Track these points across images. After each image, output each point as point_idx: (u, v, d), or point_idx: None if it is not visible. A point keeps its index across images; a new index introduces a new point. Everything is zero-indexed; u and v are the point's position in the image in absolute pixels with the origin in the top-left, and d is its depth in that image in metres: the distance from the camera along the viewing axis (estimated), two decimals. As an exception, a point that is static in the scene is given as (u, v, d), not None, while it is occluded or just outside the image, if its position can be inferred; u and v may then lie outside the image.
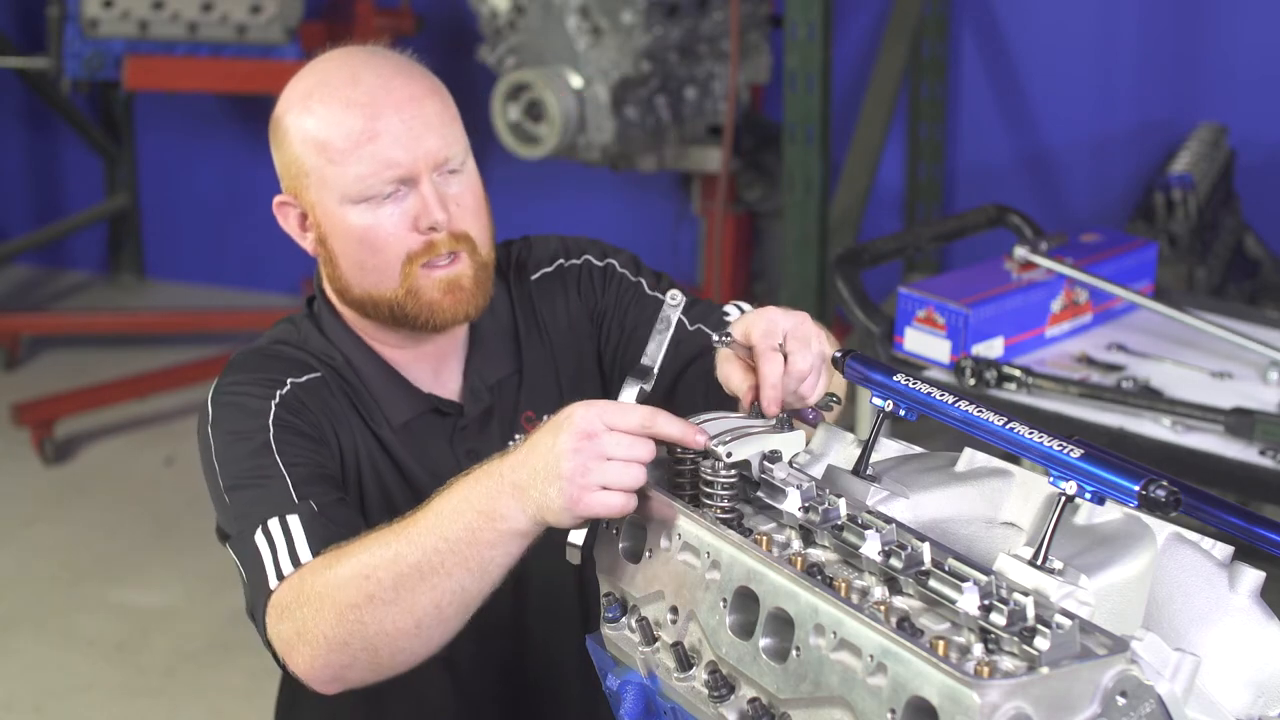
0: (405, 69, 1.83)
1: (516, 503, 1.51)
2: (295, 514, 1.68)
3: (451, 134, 1.82)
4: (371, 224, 1.79)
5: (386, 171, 1.77)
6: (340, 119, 1.78)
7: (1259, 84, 4.47)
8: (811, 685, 1.32)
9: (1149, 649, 1.28)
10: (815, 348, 1.61)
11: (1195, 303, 3.11)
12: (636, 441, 1.48)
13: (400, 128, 1.77)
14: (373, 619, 1.55)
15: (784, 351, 1.59)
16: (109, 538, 4.44)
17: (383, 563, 1.55)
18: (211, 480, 1.78)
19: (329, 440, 1.82)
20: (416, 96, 1.80)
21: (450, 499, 1.56)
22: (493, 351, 1.93)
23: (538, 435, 1.52)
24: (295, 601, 1.61)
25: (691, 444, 1.50)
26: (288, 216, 1.88)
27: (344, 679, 1.62)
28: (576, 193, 5.36)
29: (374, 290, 1.83)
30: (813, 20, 3.79)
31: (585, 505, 1.48)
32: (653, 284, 2.00)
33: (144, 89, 5.27)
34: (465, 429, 1.90)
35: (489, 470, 1.54)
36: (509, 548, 1.54)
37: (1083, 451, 1.34)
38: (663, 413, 1.50)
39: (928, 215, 4.92)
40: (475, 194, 1.85)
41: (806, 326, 1.62)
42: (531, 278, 1.99)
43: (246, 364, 1.86)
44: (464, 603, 1.57)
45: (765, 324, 1.61)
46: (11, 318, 5.68)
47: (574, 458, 1.47)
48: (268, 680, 1.75)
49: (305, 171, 1.81)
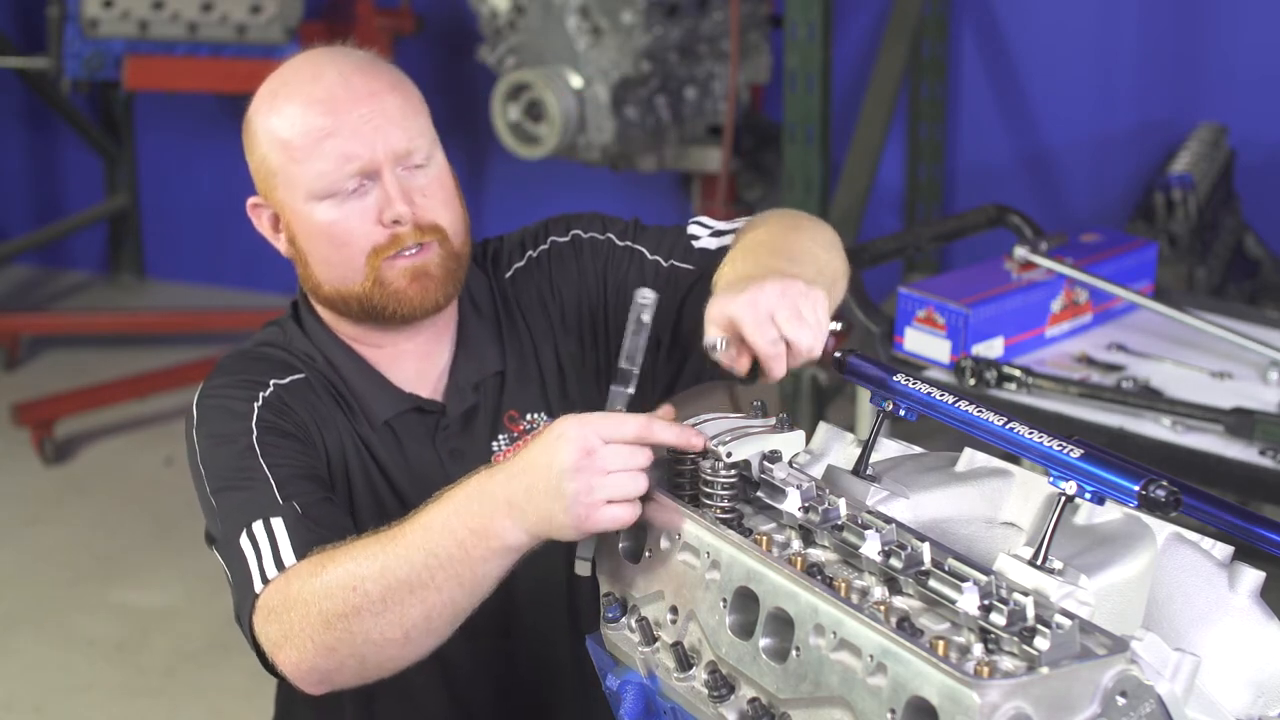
0: (367, 66, 1.84)
1: (512, 520, 1.50)
2: (279, 516, 1.68)
3: (414, 127, 1.82)
4: (336, 219, 1.80)
5: (346, 165, 1.78)
6: (301, 116, 1.79)
7: (1259, 84, 4.47)
8: (811, 685, 1.32)
9: (1149, 649, 1.28)
10: (808, 314, 1.57)
11: (1195, 303, 3.11)
12: (635, 450, 1.47)
13: (359, 122, 1.78)
14: (360, 629, 1.55)
15: (783, 336, 1.56)
16: (109, 538, 4.44)
17: (371, 574, 1.55)
18: (198, 483, 1.78)
19: (314, 440, 1.82)
20: (376, 91, 1.80)
21: (439, 514, 1.54)
22: (478, 351, 1.93)
23: (531, 452, 1.50)
24: (282, 605, 1.61)
25: (689, 448, 1.50)
26: (261, 218, 1.89)
27: (331, 682, 1.62)
28: (576, 193, 5.35)
29: (342, 286, 1.83)
30: (813, 20, 3.79)
31: (593, 522, 1.47)
32: (621, 233, 1.98)
33: (144, 89, 5.27)
34: (448, 429, 1.90)
35: (480, 486, 1.53)
36: (502, 562, 1.53)
37: (1083, 451, 1.34)
38: (657, 420, 1.50)
39: (928, 215, 4.92)
40: (444, 185, 1.85)
41: (792, 294, 1.58)
42: (506, 275, 1.99)
43: (231, 367, 1.87)
44: (454, 614, 1.56)
45: (752, 315, 1.57)
46: (11, 318, 5.68)
47: (576, 477, 1.45)
48: (267, 680, 1.75)
49: (273, 171, 1.82)
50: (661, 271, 1.93)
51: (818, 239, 1.84)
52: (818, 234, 1.86)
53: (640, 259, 1.95)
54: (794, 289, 1.58)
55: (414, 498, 1.77)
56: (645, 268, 1.94)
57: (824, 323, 1.59)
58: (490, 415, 1.92)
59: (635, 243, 1.96)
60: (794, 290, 1.58)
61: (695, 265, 1.91)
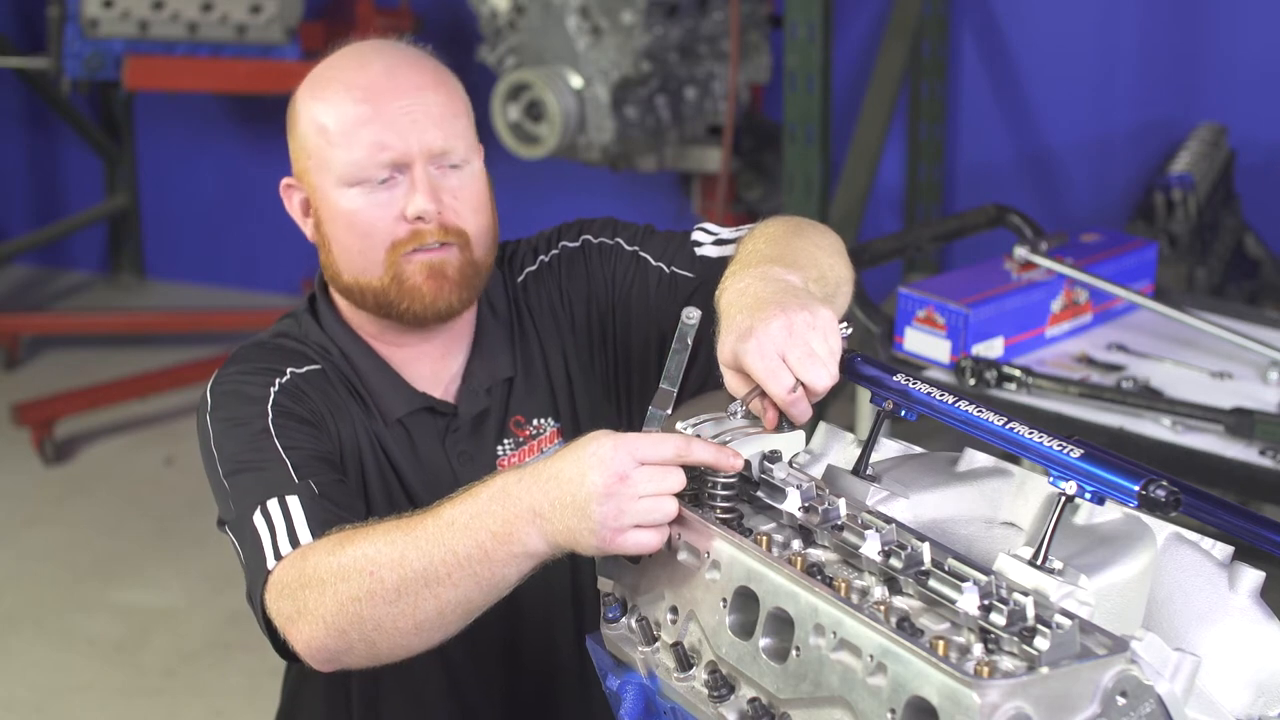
0: (415, 61, 1.84)
1: (535, 529, 1.48)
2: (295, 494, 1.67)
3: (454, 128, 1.82)
4: (361, 208, 1.80)
5: (379, 155, 1.78)
6: (343, 103, 1.80)
7: (1259, 84, 4.47)
8: (811, 685, 1.32)
9: (1149, 649, 1.28)
10: (819, 348, 1.53)
11: (1195, 303, 3.11)
12: (669, 473, 1.44)
13: (398, 113, 1.79)
14: (372, 614, 1.55)
15: (798, 380, 1.51)
16: (109, 538, 4.44)
17: (388, 562, 1.54)
18: (210, 468, 1.78)
19: (329, 429, 1.83)
20: (420, 86, 1.81)
21: (462, 512, 1.52)
22: (492, 355, 1.93)
23: (560, 464, 1.47)
24: (297, 582, 1.60)
25: (728, 468, 1.46)
26: (292, 200, 1.89)
27: (340, 662, 1.61)
28: (576, 193, 5.36)
29: (361, 277, 1.83)
30: (813, 20, 3.79)
31: (619, 546, 1.45)
32: (630, 238, 1.97)
33: (144, 89, 5.27)
34: (458, 431, 1.90)
35: (504, 490, 1.51)
36: (521, 567, 1.52)
37: (1083, 451, 1.34)
38: (695, 440, 1.46)
39: (928, 215, 4.92)
40: (476, 192, 1.84)
41: (800, 330, 1.53)
42: (519, 279, 1.99)
43: (247, 355, 1.87)
44: (467, 611, 1.56)
45: (763, 364, 1.52)
46: (11, 318, 5.69)
47: (606, 501, 1.43)
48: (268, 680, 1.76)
49: (309, 154, 1.83)
50: (664, 279, 1.93)
51: (820, 244, 1.81)
52: (820, 239, 1.83)
53: (645, 265, 1.95)
54: (800, 323, 1.53)
55: (425, 497, 1.77)
56: (649, 274, 1.94)
57: (836, 349, 1.54)
58: (498, 419, 1.92)
59: (642, 249, 1.96)
60: (800, 324, 1.53)
61: (696, 274, 1.90)
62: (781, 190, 4.06)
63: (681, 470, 1.45)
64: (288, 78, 4.95)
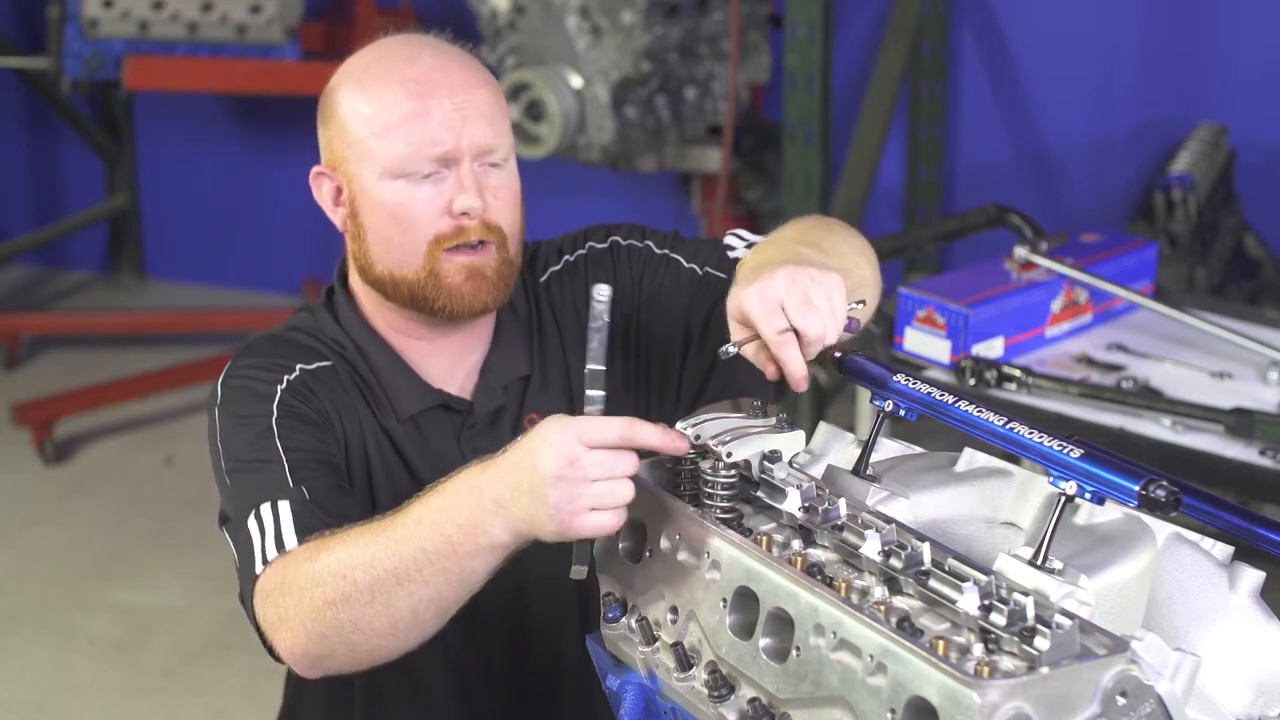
0: (463, 58, 1.87)
1: (498, 519, 1.49)
2: (287, 500, 1.68)
3: (499, 127, 1.85)
4: (406, 200, 1.80)
5: (430, 150, 1.79)
6: (393, 94, 1.80)
7: (1259, 84, 4.47)
8: (811, 685, 1.32)
9: (1149, 649, 1.28)
10: (819, 300, 1.54)
11: (1195, 303, 3.11)
12: (619, 457, 1.45)
13: (450, 110, 1.80)
14: (348, 617, 1.55)
15: (792, 325, 1.54)
16: (109, 538, 4.44)
17: (360, 564, 1.55)
18: (215, 462, 1.79)
19: (334, 428, 1.83)
20: (472, 84, 1.83)
21: (429, 508, 1.54)
22: (510, 353, 1.93)
23: (517, 453, 1.49)
24: (278, 588, 1.61)
25: (673, 451, 1.48)
26: (322, 188, 1.89)
27: (323, 667, 1.63)
28: (576, 193, 5.35)
29: (397, 270, 1.83)
30: (813, 20, 3.79)
31: (577, 529, 1.46)
32: (660, 242, 1.99)
33: (144, 89, 5.27)
34: (473, 428, 1.90)
35: (469, 482, 1.52)
36: (489, 559, 1.53)
37: (1083, 451, 1.34)
38: (639, 422, 1.47)
39: (928, 215, 4.92)
40: (513, 192, 1.86)
41: (802, 281, 1.55)
42: (542, 279, 2.00)
43: (259, 348, 1.87)
44: (441, 608, 1.56)
45: (760, 306, 1.55)
46: (11, 318, 5.69)
47: (559, 485, 1.44)
48: (268, 680, 1.76)
49: (349, 143, 1.82)
50: (695, 279, 1.94)
51: (849, 241, 1.83)
52: (849, 238, 1.85)
53: (676, 267, 1.96)
54: (804, 275, 1.55)
55: None
56: (681, 275, 1.95)
57: (838, 309, 1.55)
58: (514, 417, 1.92)
59: (673, 251, 1.97)
60: (804, 276, 1.55)
61: (728, 274, 1.90)
62: (781, 190, 4.06)
63: (634, 453, 1.46)
64: (288, 78, 4.96)
